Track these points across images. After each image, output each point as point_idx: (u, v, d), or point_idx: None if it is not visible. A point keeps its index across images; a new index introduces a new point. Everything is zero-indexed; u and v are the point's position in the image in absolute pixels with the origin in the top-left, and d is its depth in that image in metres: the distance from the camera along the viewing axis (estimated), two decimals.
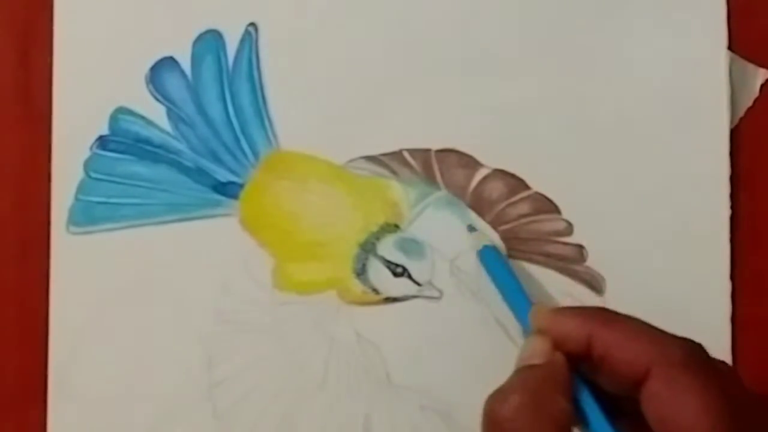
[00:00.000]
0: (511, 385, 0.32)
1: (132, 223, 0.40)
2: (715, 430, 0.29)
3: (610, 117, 0.40)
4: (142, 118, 0.40)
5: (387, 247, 0.40)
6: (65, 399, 0.40)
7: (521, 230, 0.40)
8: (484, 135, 0.40)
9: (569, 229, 0.40)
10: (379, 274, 0.39)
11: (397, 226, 0.40)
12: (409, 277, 0.39)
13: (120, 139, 0.40)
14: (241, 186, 0.40)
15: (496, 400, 0.31)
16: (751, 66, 0.41)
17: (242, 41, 0.41)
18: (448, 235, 0.40)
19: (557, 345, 0.33)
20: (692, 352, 0.31)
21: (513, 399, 0.31)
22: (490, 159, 0.40)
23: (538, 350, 0.33)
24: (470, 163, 0.40)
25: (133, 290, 0.40)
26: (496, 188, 0.40)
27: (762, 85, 0.41)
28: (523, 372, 0.32)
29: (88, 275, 0.40)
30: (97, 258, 0.40)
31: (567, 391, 0.31)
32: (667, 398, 0.30)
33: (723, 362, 0.32)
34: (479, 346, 0.39)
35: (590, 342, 0.32)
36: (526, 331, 0.35)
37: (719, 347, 0.39)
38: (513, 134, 0.40)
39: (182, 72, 0.41)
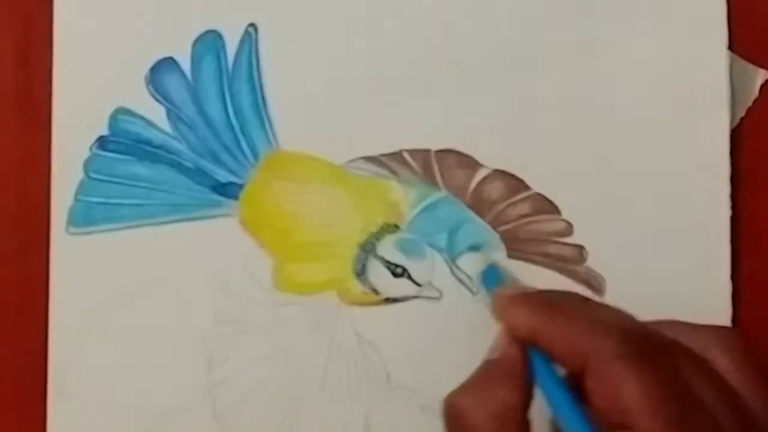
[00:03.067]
0: (469, 379, 0.32)
1: (132, 223, 0.40)
2: (658, 415, 0.28)
3: (610, 117, 0.40)
4: (142, 118, 0.40)
5: (387, 248, 0.40)
6: (65, 399, 0.40)
7: (521, 231, 0.40)
8: (484, 135, 0.40)
9: (569, 229, 0.40)
10: (379, 274, 0.40)
11: (397, 227, 0.40)
12: (409, 277, 0.39)
13: (120, 140, 0.40)
14: (241, 186, 0.40)
15: (453, 395, 0.32)
16: (751, 66, 0.41)
17: (242, 41, 0.41)
18: (448, 235, 0.40)
19: (510, 334, 0.33)
20: (627, 339, 0.30)
21: (465, 394, 0.31)
22: (490, 159, 0.40)
23: (498, 343, 0.33)
24: (470, 163, 0.40)
25: (133, 290, 0.40)
26: (496, 188, 0.40)
27: (762, 86, 0.41)
28: (480, 367, 0.33)
29: (88, 275, 0.40)
30: (97, 258, 0.40)
31: (517, 382, 0.31)
32: (603, 394, 0.29)
33: (664, 339, 0.31)
34: (479, 346, 0.39)
35: (536, 337, 0.32)
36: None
37: None
38: (513, 134, 0.40)
39: (182, 72, 0.41)
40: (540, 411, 0.32)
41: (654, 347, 0.31)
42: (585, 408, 0.30)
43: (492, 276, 0.38)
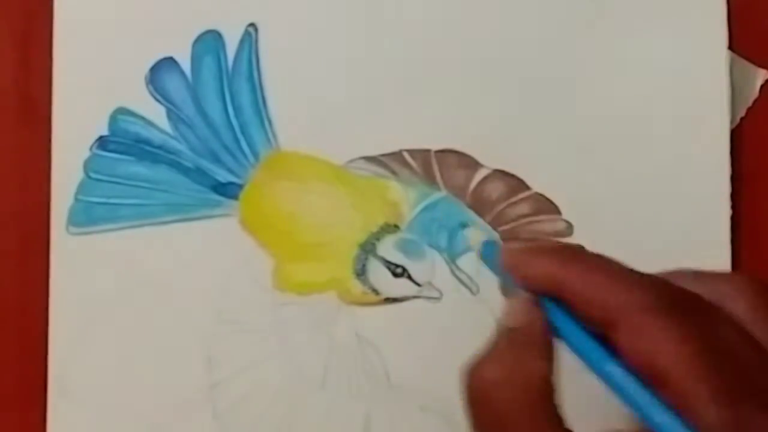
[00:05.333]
0: (490, 350, 0.30)
1: (132, 223, 0.40)
2: (693, 372, 0.27)
3: (610, 117, 0.40)
4: (142, 118, 0.40)
5: (387, 248, 0.40)
6: (65, 399, 0.40)
7: (521, 231, 0.40)
8: (484, 135, 0.40)
9: (569, 229, 0.40)
10: (379, 274, 0.40)
11: (397, 227, 0.40)
12: (409, 277, 0.39)
13: (120, 140, 0.40)
14: (240, 186, 0.40)
15: (473, 370, 0.30)
16: (751, 66, 0.41)
17: (242, 41, 0.41)
18: (448, 235, 0.40)
19: (527, 287, 0.31)
20: (661, 293, 0.29)
21: (489, 368, 0.30)
22: (490, 159, 0.40)
23: (517, 311, 0.31)
24: (470, 163, 0.40)
25: (133, 290, 0.40)
26: (496, 188, 0.40)
27: (762, 86, 0.41)
28: (501, 336, 0.31)
29: (88, 275, 0.40)
30: (97, 258, 0.40)
31: (545, 352, 0.30)
32: (637, 348, 0.28)
33: (690, 293, 0.30)
34: (479, 346, 0.39)
35: (559, 288, 0.30)
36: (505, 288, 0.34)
37: None
38: (513, 134, 0.40)
39: (182, 72, 0.41)
40: None
41: (685, 301, 0.29)
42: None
43: (490, 250, 0.37)
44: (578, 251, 0.31)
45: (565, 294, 0.30)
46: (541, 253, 0.32)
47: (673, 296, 0.29)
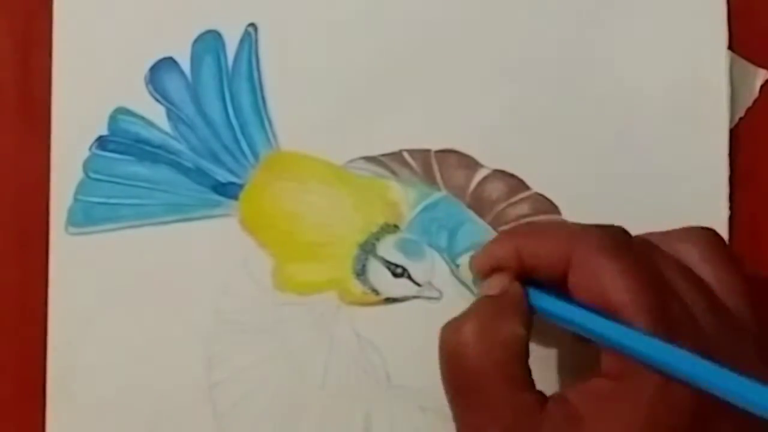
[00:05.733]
0: (465, 314, 0.32)
1: (131, 223, 0.40)
2: (637, 303, 0.30)
3: (609, 117, 0.40)
4: (142, 118, 0.40)
5: (387, 248, 0.40)
6: (64, 399, 0.39)
7: None
8: (484, 135, 0.40)
9: None
10: (379, 274, 0.40)
11: (396, 227, 0.40)
12: (409, 277, 0.39)
13: (119, 140, 0.40)
14: (240, 186, 0.40)
15: (449, 329, 0.32)
16: (751, 66, 0.41)
17: (242, 41, 0.41)
18: (448, 235, 0.40)
19: (500, 265, 0.33)
20: (606, 235, 0.32)
21: (466, 327, 0.31)
22: (490, 159, 0.40)
23: (495, 283, 0.33)
24: (470, 163, 0.40)
25: (133, 290, 0.40)
26: (496, 189, 0.40)
27: (762, 86, 0.41)
28: (477, 302, 0.33)
29: (88, 276, 0.40)
30: (96, 258, 0.40)
31: (521, 317, 0.32)
32: (586, 286, 0.31)
33: (638, 237, 0.33)
34: None
35: (520, 256, 0.33)
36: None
37: None
38: (513, 134, 0.40)
39: (182, 72, 0.41)
40: None
41: (632, 242, 0.32)
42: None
43: None
44: (530, 223, 0.34)
45: (526, 261, 0.33)
46: (502, 234, 0.35)
47: (621, 238, 0.32)
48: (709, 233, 0.34)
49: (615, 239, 0.32)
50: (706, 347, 0.29)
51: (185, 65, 0.41)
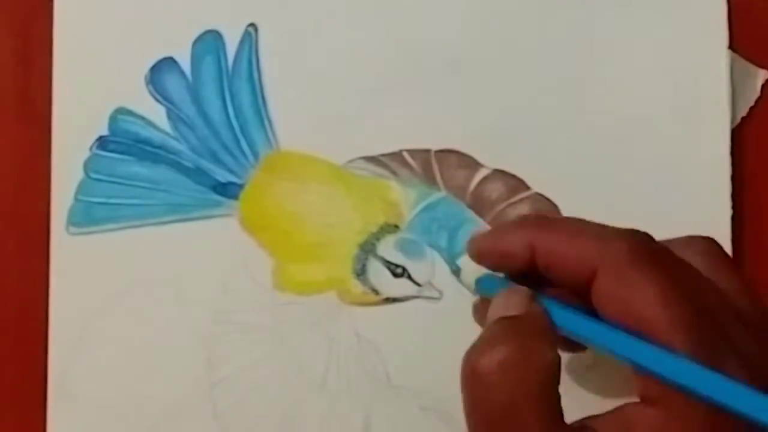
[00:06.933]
0: (493, 336, 0.29)
1: (132, 223, 0.40)
2: (675, 321, 0.27)
3: (610, 117, 0.40)
4: (142, 118, 0.40)
5: (387, 248, 0.40)
6: (65, 399, 0.40)
7: None
8: (484, 135, 0.40)
9: None
10: (379, 274, 0.39)
11: (396, 227, 0.40)
12: (409, 277, 0.39)
13: (120, 140, 0.40)
14: (240, 186, 0.40)
15: (474, 354, 0.29)
16: (752, 66, 0.40)
17: (242, 41, 0.41)
18: (448, 235, 0.40)
19: (503, 265, 0.31)
20: (639, 243, 0.29)
21: (498, 351, 0.28)
22: (490, 159, 0.40)
23: (515, 302, 0.30)
24: (470, 163, 0.40)
25: (133, 290, 0.40)
26: (496, 189, 0.40)
27: (763, 85, 0.41)
28: (503, 323, 0.29)
29: (88, 276, 0.40)
30: (97, 258, 0.40)
31: (550, 341, 0.29)
32: (620, 297, 0.28)
33: (668, 250, 0.30)
34: None
35: (533, 252, 0.30)
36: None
37: None
38: (513, 134, 0.40)
39: (182, 72, 0.41)
40: None
41: (659, 252, 0.29)
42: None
43: (488, 284, 0.37)
44: (542, 216, 0.31)
45: (541, 258, 0.30)
46: (508, 226, 0.32)
47: (648, 247, 0.29)
48: (712, 242, 0.32)
49: (649, 247, 0.29)
50: (749, 372, 0.27)
51: (185, 65, 0.41)
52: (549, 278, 0.31)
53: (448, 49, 0.40)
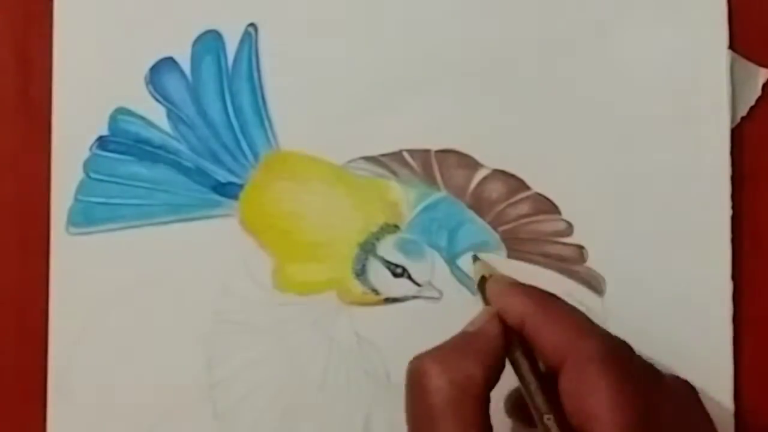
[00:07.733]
0: (438, 346, 0.32)
1: (132, 223, 0.40)
2: (620, 425, 0.30)
3: (610, 117, 0.40)
4: (142, 118, 0.40)
5: (387, 248, 0.40)
6: (65, 399, 0.40)
7: (521, 231, 0.40)
8: (484, 135, 0.40)
9: (569, 229, 0.40)
10: (378, 274, 0.39)
11: (396, 227, 0.40)
12: (409, 277, 0.39)
13: (120, 140, 0.40)
14: (240, 186, 0.40)
15: (417, 358, 0.32)
16: (752, 65, 0.40)
17: (242, 41, 0.41)
18: (448, 235, 0.40)
19: (501, 316, 0.34)
20: (609, 347, 0.31)
21: (431, 360, 0.32)
22: (490, 159, 0.40)
23: (477, 318, 0.34)
24: (470, 163, 0.40)
25: (133, 290, 0.40)
26: (495, 189, 0.40)
27: (763, 85, 0.40)
28: (454, 337, 0.33)
29: (88, 276, 0.40)
30: (97, 258, 0.40)
31: (484, 360, 0.32)
32: (577, 393, 0.31)
33: (650, 367, 0.33)
34: None
35: (523, 322, 0.33)
36: None
37: (720, 347, 0.39)
38: (513, 134, 0.40)
39: (182, 72, 0.41)
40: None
41: (632, 360, 0.32)
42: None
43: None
44: (550, 297, 0.34)
45: (528, 330, 0.33)
46: (519, 290, 0.34)
47: (618, 353, 0.32)
48: (689, 386, 0.35)
49: (613, 352, 0.31)
50: None
51: (185, 65, 0.41)
52: (533, 349, 0.33)
53: (448, 50, 0.40)
